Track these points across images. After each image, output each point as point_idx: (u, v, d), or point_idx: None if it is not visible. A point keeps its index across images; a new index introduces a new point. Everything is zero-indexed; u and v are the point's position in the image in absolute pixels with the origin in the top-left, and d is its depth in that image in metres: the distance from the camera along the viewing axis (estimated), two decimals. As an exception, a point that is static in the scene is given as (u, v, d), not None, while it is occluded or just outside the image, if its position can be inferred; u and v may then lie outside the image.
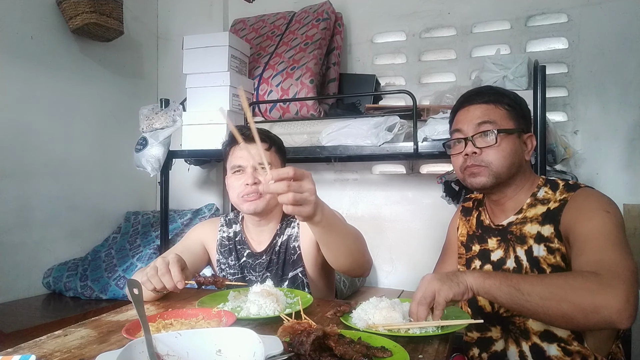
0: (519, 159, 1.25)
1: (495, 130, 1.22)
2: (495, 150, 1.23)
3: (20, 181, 2.38)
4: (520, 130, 1.26)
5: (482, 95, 1.30)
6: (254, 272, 1.51)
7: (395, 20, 2.83)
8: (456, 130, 1.31)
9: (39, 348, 0.93)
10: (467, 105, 1.31)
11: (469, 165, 1.26)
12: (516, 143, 1.25)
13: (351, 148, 2.14)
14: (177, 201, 2.95)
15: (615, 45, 2.36)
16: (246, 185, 1.44)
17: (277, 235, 1.53)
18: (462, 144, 1.28)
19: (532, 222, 1.23)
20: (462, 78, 2.66)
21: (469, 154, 1.26)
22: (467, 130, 1.27)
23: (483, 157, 1.24)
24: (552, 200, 1.23)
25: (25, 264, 2.42)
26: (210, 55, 2.44)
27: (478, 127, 1.25)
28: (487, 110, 1.26)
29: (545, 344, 1.19)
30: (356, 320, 1.06)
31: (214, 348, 0.78)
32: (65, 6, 2.51)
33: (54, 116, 2.56)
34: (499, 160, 1.23)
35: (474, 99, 1.30)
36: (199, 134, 2.45)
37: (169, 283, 1.19)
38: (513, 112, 1.26)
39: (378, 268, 2.79)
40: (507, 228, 1.28)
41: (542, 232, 1.21)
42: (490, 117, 1.25)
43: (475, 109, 1.28)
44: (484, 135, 1.24)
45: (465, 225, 1.44)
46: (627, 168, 2.32)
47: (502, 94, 1.29)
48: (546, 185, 1.27)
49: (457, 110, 1.34)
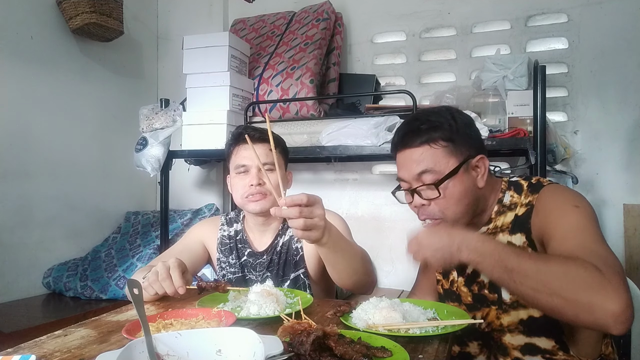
0: (471, 195, 1.16)
1: (436, 182, 1.12)
2: (443, 202, 1.13)
3: (20, 181, 2.39)
4: (466, 161, 1.15)
5: (414, 136, 1.16)
6: (255, 271, 1.51)
7: (395, 20, 2.83)
8: (400, 179, 1.22)
9: (39, 348, 0.93)
10: (402, 149, 1.19)
11: (423, 219, 1.19)
12: (464, 180, 1.14)
13: (351, 148, 2.14)
14: (177, 201, 2.95)
15: (615, 45, 2.36)
16: (251, 185, 1.43)
17: (278, 235, 1.53)
18: (409, 194, 1.20)
19: (502, 231, 1.18)
20: (462, 78, 2.66)
21: (417, 206, 1.19)
22: (409, 179, 1.18)
23: (433, 209, 1.16)
24: (519, 204, 1.17)
25: (25, 264, 2.42)
26: (210, 55, 2.44)
27: (418, 177, 1.15)
28: (423, 155, 1.14)
29: (528, 357, 1.14)
30: (356, 320, 1.06)
31: (214, 348, 0.78)
32: (65, 6, 2.51)
33: (54, 116, 2.56)
34: (449, 209, 1.14)
35: (407, 142, 1.18)
36: (199, 134, 2.45)
37: (169, 288, 1.18)
38: (452, 146, 1.14)
39: (378, 268, 2.79)
40: None
41: (513, 242, 1.15)
42: (428, 164, 1.13)
43: (412, 153, 1.16)
44: (427, 187, 1.14)
45: None
46: (627, 168, 2.32)
47: (435, 128, 1.15)
48: (510, 189, 1.20)
49: (395, 152, 1.24)
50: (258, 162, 1.41)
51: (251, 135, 1.45)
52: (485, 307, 1.20)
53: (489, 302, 1.19)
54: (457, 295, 1.29)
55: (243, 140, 1.46)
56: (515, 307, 1.14)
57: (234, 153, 1.51)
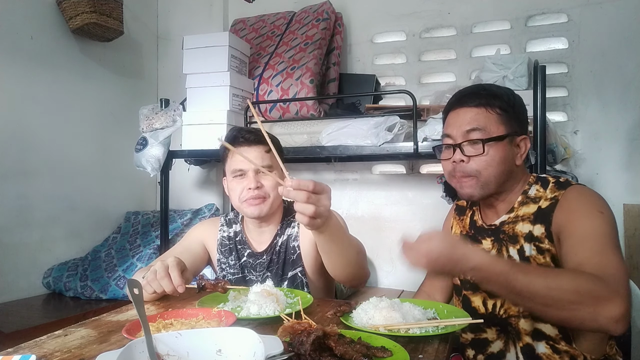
0: (509, 166, 1.22)
1: (483, 139, 1.19)
2: (483, 159, 1.19)
3: (20, 181, 2.38)
4: (513, 134, 1.22)
5: (474, 97, 1.24)
6: (255, 271, 1.51)
7: (395, 20, 2.83)
8: (446, 135, 1.28)
9: (39, 348, 0.93)
10: (457, 107, 1.26)
11: (457, 175, 1.24)
12: (506, 149, 1.20)
13: (351, 148, 2.14)
14: (177, 201, 2.95)
15: (615, 45, 2.36)
16: (248, 189, 1.43)
17: (277, 235, 1.53)
18: (450, 149, 1.25)
19: (523, 220, 1.22)
20: (462, 78, 2.66)
21: (456, 161, 1.23)
22: (455, 136, 1.23)
23: (471, 166, 1.21)
24: (543, 198, 1.20)
25: (25, 264, 2.42)
26: (210, 55, 2.44)
27: (467, 134, 1.21)
28: (477, 116, 1.21)
29: (535, 342, 1.18)
30: (356, 320, 1.06)
31: (214, 348, 0.78)
32: (65, 6, 2.51)
33: (54, 116, 2.56)
34: (486, 170, 1.20)
35: (464, 101, 1.25)
36: (199, 134, 2.45)
37: (168, 287, 1.18)
38: (505, 116, 1.21)
39: (378, 268, 2.79)
40: (499, 227, 1.27)
41: (533, 232, 1.19)
42: (480, 123, 1.20)
43: (465, 112, 1.23)
44: (472, 143, 1.20)
45: (459, 225, 1.43)
46: (627, 168, 2.32)
47: (495, 96, 1.23)
48: (537, 183, 1.25)
49: (448, 111, 1.30)
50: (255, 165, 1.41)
51: (246, 137, 1.46)
52: None
53: None
54: (473, 285, 1.31)
55: (239, 144, 1.46)
56: None
57: (230, 157, 1.49)
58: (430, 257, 0.98)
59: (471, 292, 1.32)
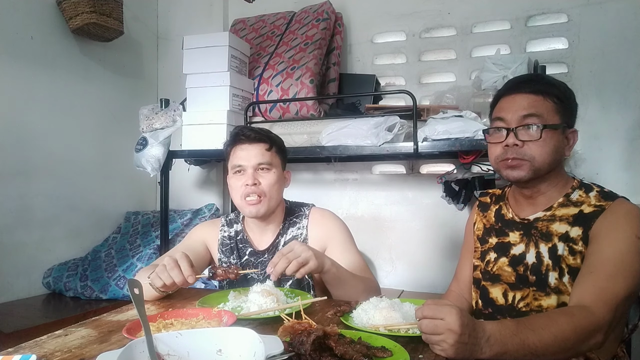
0: (560, 155, 1.21)
1: (541, 125, 1.18)
2: (539, 145, 1.18)
3: (20, 181, 2.38)
4: (565, 125, 1.21)
5: (531, 83, 1.22)
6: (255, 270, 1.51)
7: (395, 20, 2.83)
8: (498, 119, 1.25)
9: (40, 348, 0.93)
10: (513, 93, 1.24)
11: (508, 158, 1.22)
12: (559, 139, 1.20)
13: (351, 148, 2.14)
14: (177, 201, 2.95)
15: (615, 45, 2.36)
16: (246, 185, 1.44)
17: (279, 234, 1.53)
18: (502, 133, 1.23)
19: (561, 221, 1.21)
20: (462, 78, 2.65)
21: (509, 145, 1.21)
22: (510, 120, 1.21)
23: (525, 151, 1.19)
24: (587, 203, 1.21)
25: (25, 264, 2.42)
26: (210, 55, 2.44)
27: (523, 119, 1.19)
28: (535, 102, 1.20)
29: None
30: (356, 320, 1.06)
31: (214, 348, 0.78)
32: (65, 6, 2.51)
33: (54, 116, 2.56)
34: (541, 156, 1.19)
35: (522, 87, 1.22)
36: (199, 134, 2.45)
37: (178, 277, 1.19)
38: (561, 106, 1.21)
39: (378, 268, 2.79)
40: (532, 223, 1.26)
41: (569, 233, 1.19)
42: (538, 109, 1.19)
43: (522, 98, 1.21)
44: (527, 128, 1.19)
45: (482, 220, 1.42)
46: (627, 168, 2.32)
47: (553, 85, 1.22)
48: (580, 189, 1.25)
49: (501, 96, 1.28)
50: (254, 161, 1.45)
51: (247, 135, 1.47)
52: (526, 287, 1.24)
53: (530, 284, 1.23)
54: (494, 276, 1.31)
55: (240, 141, 1.48)
56: (557, 292, 1.19)
57: (232, 153, 1.51)
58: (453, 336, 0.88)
59: (490, 283, 1.31)
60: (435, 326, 0.89)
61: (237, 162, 1.47)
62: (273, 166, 1.48)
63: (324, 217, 1.57)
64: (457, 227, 2.50)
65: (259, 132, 1.50)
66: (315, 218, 1.55)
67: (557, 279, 1.18)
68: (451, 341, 0.87)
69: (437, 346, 0.89)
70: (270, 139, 1.51)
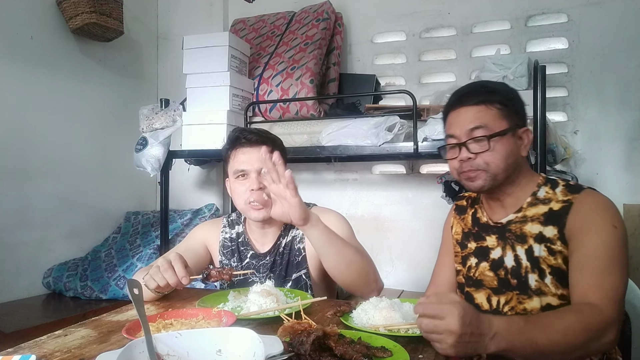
0: (515, 158, 1.24)
1: (488, 135, 1.20)
2: (490, 155, 1.21)
3: (20, 181, 2.38)
4: (514, 127, 1.24)
5: (472, 96, 1.25)
6: (258, 273, 1.50)
7: (395, 20, 2.83)
8: (449, 136, 1.29)
9: (39, 348, 0.93)
10: (457, 107, 1.28)
11: (464, 171, 1.25)
12: (511, 142, 1.23)
13: (351, 148, 2.14)
14: (177, 201, 2.95)
15: (615, 45, 2.36)
16: (251, 190, 1.42)
17: (280, 236, 1.52)
18: (456, 149, 1.27)
19: (532, 221, 1.23)
20: (462, 78, 2.66)
21: (463, 159, 1.25)
22: (459, 135, 1.25)
23: (478, 162, 1.23)
24: (554, 200, 1.22)
25: (25, 264, 2.42)
26: (210, 55, 2.44)
27: (470, 132, 1.23)
28: (478, 113, 1.22)
29: None
30: (356, 320, 1.06)
31: (214, 348, 0.78)
32: (65, 6, 2.51)
33: (53, 116, 2.56)
34: (494, 163, 1.21)
35: (464, 100, 1.26)
36: (199, 134, 2.45)
37: (172, 278, 1.19)
38: (505, 111, 1.23)
39: (378, 268, 2.75)
40: (506, 226, 1.28)
41: (544, 233, 1.20)
42: (482, 120, 1.21)
43: (466, 111, 1.24)
44: (477, 140, 1.22)
45: (460, 224, 1.43)
46: (627, 168, 2.32)
47: (493, 92, 1.25)
48: (546, 185, 1.26)
49: (448, 112, 1.32)
50: (257, 165, 1.42)
51: (249, 138, 1.45)
52: (509, 291, 1.25)
53: (513, 287, 1.24)
54: (477, 281, 1.31)
55: (240, 144, 1.45)
56: (539, 294, 1.19)
57: (232, 157, 1.48)
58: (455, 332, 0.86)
59: (474, 288, 1.32)
60: (435, 326, 0.87)
61: (240, 167, 1.45)
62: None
63: (324, 213, 1.54)
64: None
65: (259, 134, 1.47)
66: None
67: (537, 281, 1.19)
68: (451, 341, 0.86)
69: (437, 344, 0.88)
70: (271, 140, 1.49)
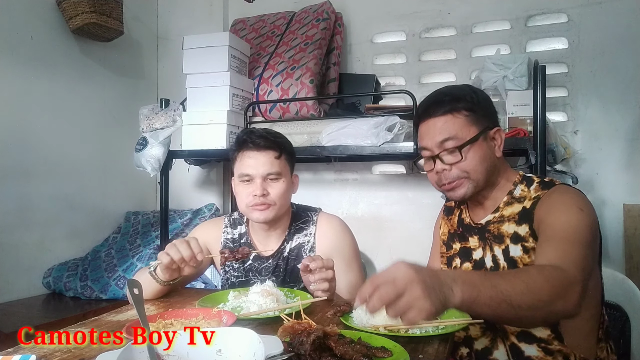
0: (490, 161, 1.24)
1: (458, 145, 1.20)
2: (465, 163, 1.21)
3: (20, 181, 2.38)
4: (485, 130, 1.24)
5: (438, 106, 1.25)
6: (260, 275, 1.49)
7: (395, 20, 2.83)
8: (423, 148, 1.29)
9: (39, 348, 0.93)
10: (426, 118, 1.27)
11: (444, 183, 1.25)
12: (483, 147, 1.23)
13: (351, 148, 2.14)
14: (177, 201, 2.95)
15: (615, 45, 2.36)
16: (254, 196, 1.40)
17: (285, 240, 1.50)
18: (431, 161, 1.27)
19: (509, 221, 1.23)
20: (462, 78, 2.65)
21: (439, 171, 1.25)
22: (432, 147, 1.25)
23: (455, 172, 1.23)
24: (527, 198, 1.22)
25: (25, 264, 2.42)
26: (210, 55, 2.43)
27: (441, 144, 1.23)
28: (446, 124, 1.22)
29: (524, 344, 1.18)
30: (356, 320, 1.06)
31: (214, 348, 0.78)
32: (65, 6, 2.51)
33: (53, 116, 2.56)
34: (472, 170, 1.22)
35: (431, 112, 1.26)
36: (199, 134, 2.45)
37: (186, 252, 1.20)
38: (473, 116, 1.23)
39: (378, 268, 2.79)
40: (485, 227, 1.28)
41: (518, 232, 1.20)
42: (450, 132, 1.21)
43: (435, 122, 1.24)
44: (449, 152, 1.22)
45: (447, 224, 1.44)
46: (627, 168, 2.32)
47: (458, 99, 1.24)
48: (522, 183, 1.26)
49: (418, 123, 1.32)
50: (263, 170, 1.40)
51: (256, 143, 1.41)
52: None
53: None
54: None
55: (248, 148, 1.42)
56: None
57: (238, 159, 1.46)
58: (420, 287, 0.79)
59: None
60: (394, 288, 0.78)
61: (245, 171, 1.42)
62: (282, 175, 1.43)
63: (332, 226, 1.52)
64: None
65: (268, 139, 1.43)
66: (323, 226, 1.51)
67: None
68: (418, 291, 0.77)
69: (411, 310, 0.78)
70: (279, 145, 1.45)
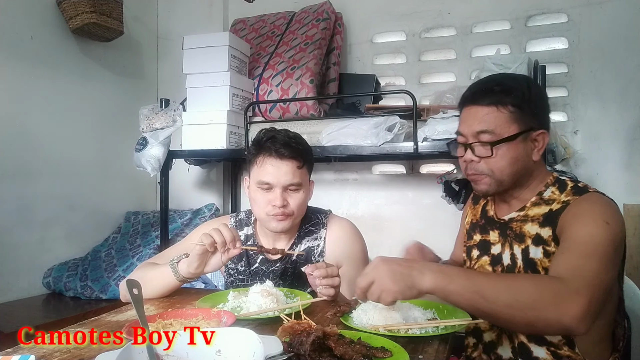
0: (523, 163, 1.18)
1: (491, 142, 1.16)
2: (494, 161, 1.17)
3: (20, 181, 2.38)
4: (527, 131, 1.16)
5: (485, 95, 1.19)
6: (266, 279, 1.46)
7: (395, 20, 2.83)
8: (459, 133, 1.25)
9: (39, 348, 0.93)
10: (470, 104, 1.22)
11: (470, 173, 1.23)
12: (519, 148, 1.16)
13: (351, 148, 2.14)
14: (177, 201, 2.95)
15: (615, 45, 2.36)
16: (273, 206, 1.35)
17: (294, 243, 1.46)
18: (462, 148, 1.23)
19: (532, 221, 1.20)
20: (462, 78, 2.65)
21: (467, 161, 1.22)
22: (467, 135, 1.21)
23: (482, 166, 1.19)
24: (556, 201, 1.18)
25: (25, 264, 2.42)
26: (210, 55, 2.44)
27: (477, 135, 1.18)
28: (487, 116, 1.17)
29: (533, 345, 1.17)
30: (356, 320, 1.06)
31: (213, 348, 0.78)
32: (65, 6, 2.51)
33: (54, 116, 2.56)
34: (499, 170, 1.17)
35: (477, 99, 1.20)
36: (199, 134, 2.45)
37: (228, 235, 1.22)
38: (518, 113, 1.16)
39: (378, 268, 2.79)
40: (507, 223, 1.26)
41: (541, 234, 1.17)
42: (489, 125, 1.16)
43: (477, 111, 1.19)
44: (482, 144, 1.18)
45: (471, 213, 1.42)
46: (627, 168, 2.32)
47: (508, 92, 1.17)
48: (554, 185, 1.22)
49: (462, 107, 1.27)
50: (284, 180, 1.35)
51: (280, 152, 1.34)
52: None
53: None
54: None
55: (270, 154, 1.35)
56: None
57: (258, 164, 1.38)
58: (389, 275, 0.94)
59: None
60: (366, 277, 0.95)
61: (265, 179, 1.35)
62: (302, 185, 1.38)
63: (344, 232, 1.48)
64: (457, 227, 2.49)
65: (292, 147, 1.36)
66: (335, 231, 1.47)
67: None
68: (384, 276, 0.91)
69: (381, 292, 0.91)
70: (302, 155, 1.38)
